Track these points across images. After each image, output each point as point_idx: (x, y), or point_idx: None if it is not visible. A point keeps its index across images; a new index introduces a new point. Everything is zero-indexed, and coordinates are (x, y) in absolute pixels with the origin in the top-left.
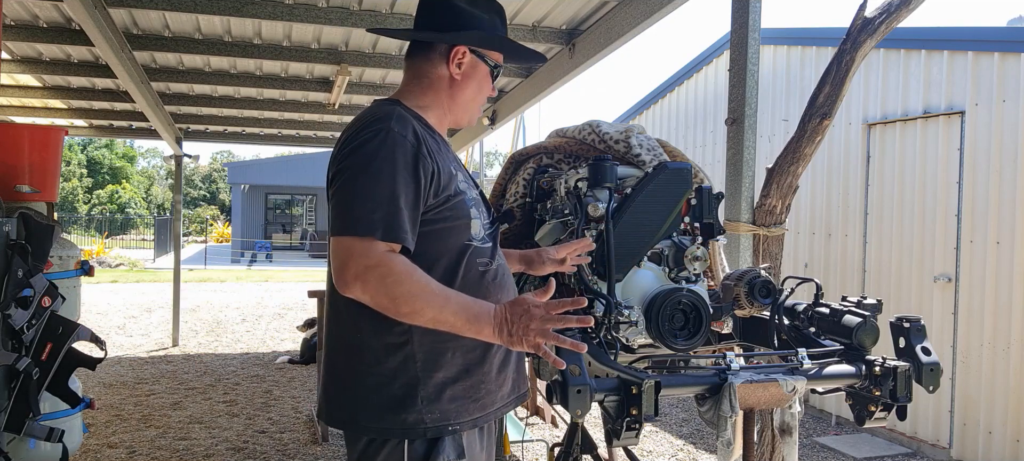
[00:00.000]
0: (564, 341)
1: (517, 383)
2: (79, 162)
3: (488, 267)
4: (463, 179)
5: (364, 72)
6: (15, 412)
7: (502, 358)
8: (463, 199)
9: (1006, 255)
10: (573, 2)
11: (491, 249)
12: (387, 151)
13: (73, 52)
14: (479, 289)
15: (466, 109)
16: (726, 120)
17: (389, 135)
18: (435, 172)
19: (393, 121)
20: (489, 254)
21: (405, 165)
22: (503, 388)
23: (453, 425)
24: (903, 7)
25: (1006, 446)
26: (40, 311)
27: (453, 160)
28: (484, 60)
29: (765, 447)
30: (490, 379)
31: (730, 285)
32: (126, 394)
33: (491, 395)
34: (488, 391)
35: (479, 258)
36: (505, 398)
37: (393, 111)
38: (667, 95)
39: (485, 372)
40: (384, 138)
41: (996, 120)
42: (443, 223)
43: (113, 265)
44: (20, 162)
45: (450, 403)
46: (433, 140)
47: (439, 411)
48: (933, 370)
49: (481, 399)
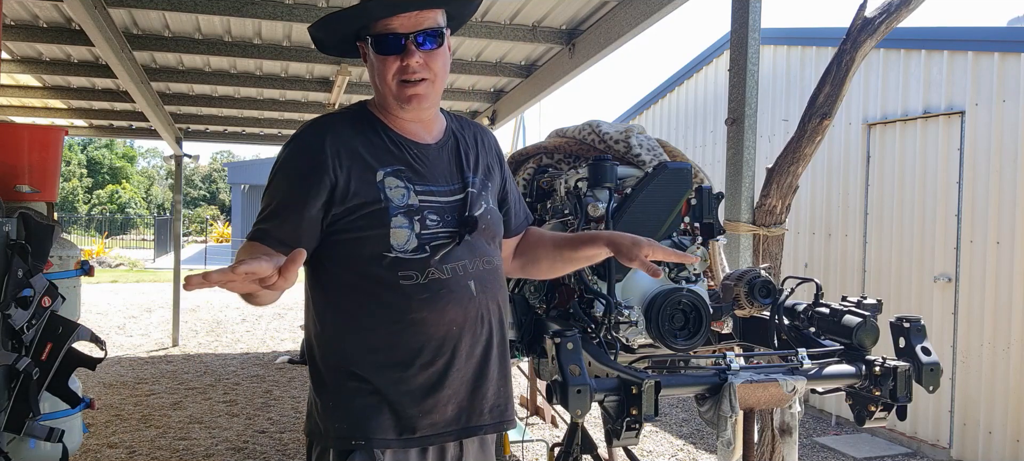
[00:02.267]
0: None
1: (466, 413)
2: (79, 162)
3: (415, 279)
4: (403, 184)
5: (364, 72)
6: (15, 412)
7: (429, 383)
8: (385, 208)
9: (1006, 255)
10: (573, 2)
11: (424, 261)
12: (284, 158)
13: (73, 52)
14: (400, 302)
15: (384, 94)
16: (726, 120)
17: (295, 141)
18: (338, 181)
19: (308, 127)
20: (418, 266)
21: (297, 171)
22: (435, 414)
23: (360, 439)
24: (903, 7)
25: (1006, 446)
26: (40, 311)
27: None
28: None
29: (765, 447)
30: (409, 402)
31: (730, 285)
32: (126, 394)
33: (414, 420)
34: (409, 415)
35: (402, 270)
36: (440, 426)
37: (319, 118)
38: (667, 95)
39: (403, 393)
40: (287, 145)
41: (996, 120)
42: (356, 232)
43: (113, 265)
44: (20, 162)
45: (360, 414)
46: (370, 143)
47: (347, 421)
48: (933, 370)
49: (401, 421)
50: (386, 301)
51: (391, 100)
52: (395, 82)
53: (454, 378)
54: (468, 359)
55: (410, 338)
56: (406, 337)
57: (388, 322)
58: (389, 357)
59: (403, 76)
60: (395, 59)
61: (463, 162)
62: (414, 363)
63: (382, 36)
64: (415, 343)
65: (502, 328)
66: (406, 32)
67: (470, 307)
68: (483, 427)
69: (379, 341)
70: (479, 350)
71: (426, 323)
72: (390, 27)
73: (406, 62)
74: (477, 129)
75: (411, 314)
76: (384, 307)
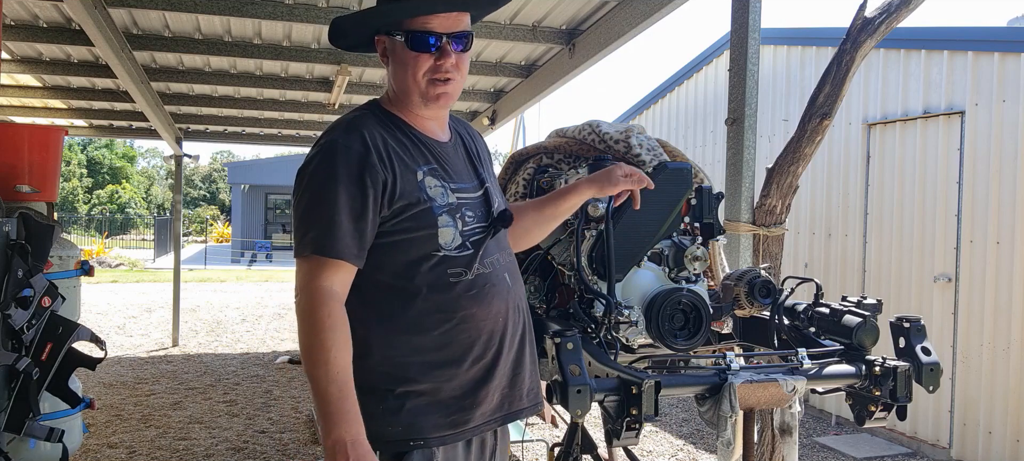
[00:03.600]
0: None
1: (508, 399)
2: (79, 162)
3: (461, 278)
4: (439, 183)
5: (364, 72)
6: (15, 412)
7: (479, 376)
8: (429, 208)
9: (1006, 255)
10: (573, 2)
11: (470, 257)
12: (328, 166)
13: (73, 52)
14: (449, 301)
15: (409, 91)
16: (726, 120)
17: (332, 148)
18: (388, 181)
19: (340, 132)
20: (465, 263)
21: (348, 177)
22: (484, 405)
23: (417, 440)
24: (903, 7)
25: (1006, 446)
26: (40, 311)
27: (430, 161)
28: (395, 36)
29: (765, 447)
30: (462, 396)
31: (730, 285)
32: (126, 394)
33: (466, 413)
34: (462, 408)
35: (451, 268)
36: (488, 415)
37: (348, 120)
38: (667, 95)
39: (456, 389)
40: (327, 153)
41: (996, 120)
42: (402, 234)
43: (113, 265)
44: (20, 162)
45: (415, 416)
46: (400, 142)
47: (401, 424)
48: (933, 370)
49: (453, 416)
50: (436, 301)
51: (416, 98)
52: (425, 80)
53: (501, 368)
54: (510, 349)
55: (462, 335)
56: (458, 334)
57: (440, 322)
58: (441, 356)
59: (434, 75)
60: (429, 57)
61: (474, 159)
62: (467, 359)
63: (418, 34)
64: (468, 340)
65: (529, 315)
66: (443, 32)
67: (509, 298)
68: (523, 411)
69: (429, 342)
70: (518, 338)
71: (476, 318)
72: (428, 26)
73: (441, 62)
74: (466, 126)
75: (462, 311)
76: (434, 307)
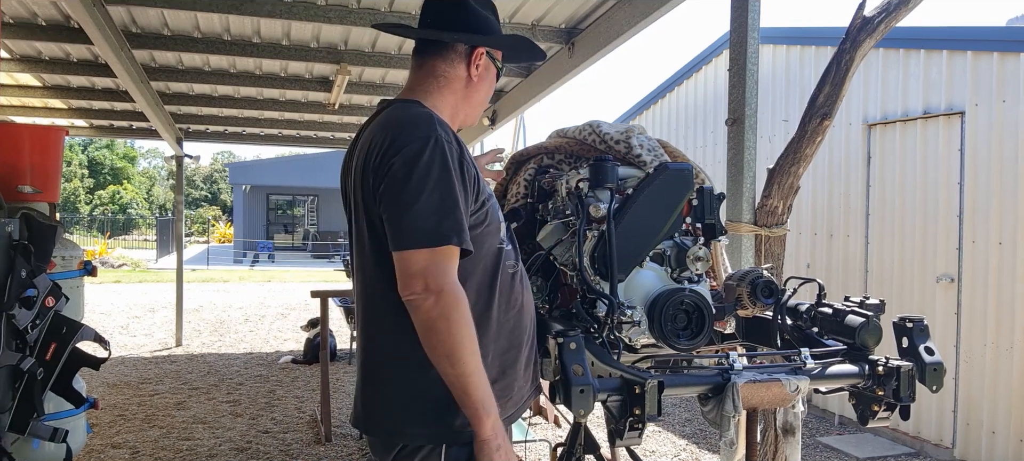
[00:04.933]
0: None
1: (535, 377)
2: (80, 162)
3: (516, 269)
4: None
5: (364, 71)
6: (19, 412)
7: (528, 355)
8: (493, 203)
9: (1008, 255)
10: (572, 1)
11: (513, 251)
12: (440, 157)
13: (72, 50)
14: (511, 291)
15: (476, 110)
16: (726, 120)
17: (438, 141)
18: (475, 176)
19: (437, 126)
20: (514, 257)
21: (456, 170)
22: (529, 384)
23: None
24: (902, 6)
25: (1009, 446)
26: (44, 311)
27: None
28: (494, 61)
29: (768, 447)
30: (520, 376)
31: (733, 285)
32: (130, 394)
33: (521, 391)
34: (519, 388)
35: (508, 261)
36: (528, 392)
37: (432, 115)
38: (667, 95)
39: (517, 371)
40: (435, 144)
41: (996, 120)
42: (482, 227)
43: (116, 265)
44: (21, 163)
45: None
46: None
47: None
48: (936, 370)
49: (512, 397)
50: (504, 289)
51: (473, 112)
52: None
53: (534, 348)
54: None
55: (521, 320)
56: (519, 319)
57: (508, 308)
58: (509, 341)
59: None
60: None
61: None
62: (524, 342)
63: (503, 67)
64: (524, 324)
65: None
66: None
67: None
68: (540, 388)
69: (501, 328)
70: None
71: (526, 305)
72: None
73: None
74: None
75: (520, 299)
76: (503, 296)
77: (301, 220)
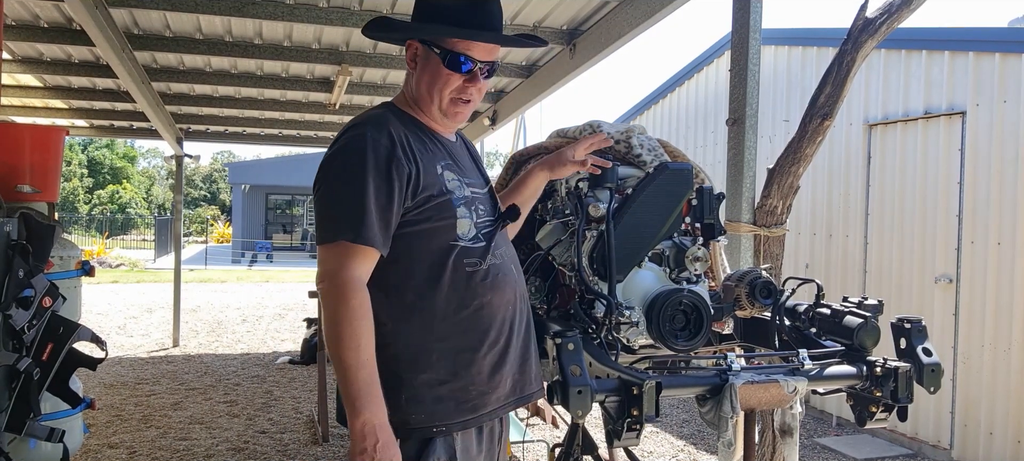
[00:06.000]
0: None
1: (519, 384)
2: (80, 162)
3: (478, 267)
4: (455, 177)
5: (365, 72)
6: (16, 412)
7: (495, 361)
8: (449, 199)
9: (1007, 256)
10: (574, 2)
11: (484, 249)
12: (358, 156)
13: (74, 52)
14: (468, 289)
15: (429, 102)
16: (727, 120)
17: (361, 140)
18: (412, 174)
19: (368, 126)
20: (480, 254)
21: (377, 168)
22: (499, 390)
23: (440, 426)
24: (904, 7)
25: (1007, 447)
26: (41, 311)
27: (446, 157)
28: (432, 48)
29: (766, 448)
30: (480, 381)
31: (731, 286)
32: (127, 394)
33: (483, 397)
34: (480, 393)
35: (467, 258)
36: (502, 399)
37: (373, 116)
38: (668, 95)
39: (474, 374)
40: (356, 143)
41: (997, 121)
42: (425, 224)
43: (114, 265)
44: (21, 162)
45: (436, 404)
46: (419, 140)
47: (425, 412)
48: (934, 371)
49: (471, 401)
50: (456, 289)
51: (435, 109)
52: (449, 97)
53: (512, 353)
54: (518, 334)
55: (479, 322)
56: (476, 321)
57: (460, 308)
58: (461, 342)
59: (459, 95)
60: (460, 78)
61: (476, 159)
62: (483, 344)
63: (457, 55)
64: (484, 326)
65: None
66: (479, 59)
67: (517, 287)
68: (533, 394)
69: (451, 328)
70: (524, 325)
71: (492, 305)
72: (469, 51)
73: (469, 85)
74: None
75: (478, 299)
76: (453, 295)
77: (300, 220)
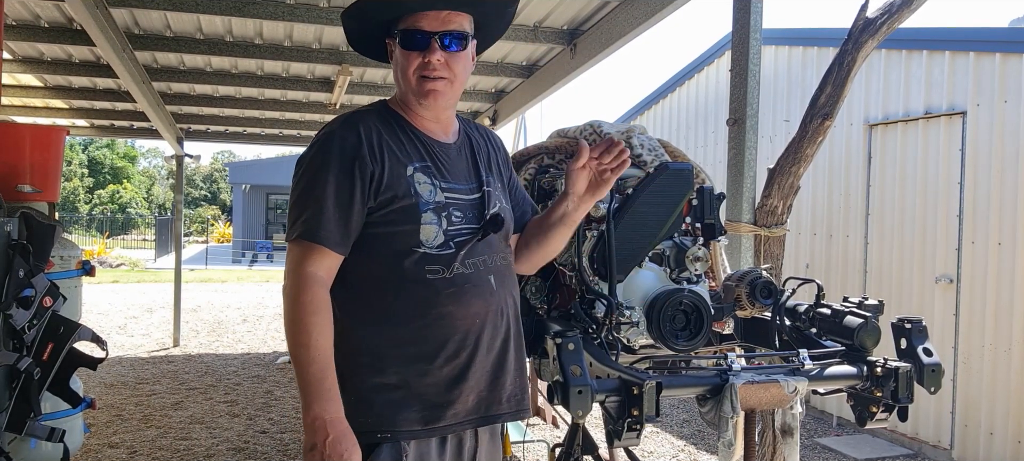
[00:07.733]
0: None
1: (486, 402)
2: (80, 162)
3: (441, 275)
4: (429, 180)
5: (365, 72)
6: (16, 412)
7: (453, 375)
8: (415, 203)
9: (1007, 256)
10: (574, 3)
11: (450, 257)
12: (324, 156)
13: (74, 52)
14: (426, 297)
15: (405, 89)
16: (727, 121)
17: (328, 139)
18: (375, 174)
19: (338, 124)
20: (445, 262)
21: (341, 167)
22: (458, 404)
23: (386, 433)
24: (905, 7)
25: (1007, 447)
26: (41, 311)
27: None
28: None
29: (766, 448)
30: (435, 393)
31: (731, 286)
32: (127, 394)
33: (439, 410)
34: (435, 405)
35: (430, 265)
36: (462, 416)
37: (350, 114)
38: (668, 95)
39: (428, 385)
40: (322, 142)
41: (998, 121)
42: (387, 226)
43: (114, 265)
44: (21, 162)
45: (387, 409)
46: (397, 139)
47: (372, 415)
48: (934, 371)
49: (424, 412)
50: (413, 295)
51: (411, 95)
52: (416, 77)
53: (476, 369)
54: (489, 351)
55: (436, 331)
56: (433, 331)
57: (415, 316)
58: (415, 350)
59: (423, 72)
60: (417, 55)
61: (479, 162)
62: (439, 355)
63: (409, 32)
64: (441, 336)
65: (518, 321)
66: (432, 31)
67: (491, 301)
68: (501, 416)
69: (405, 335)
70: (499, 342)
71: (453, 317)
72: (418, 25)
73: (428, 59)
74: (485, 131)
75: (438, 308)
76: (411, 301)
77: None
